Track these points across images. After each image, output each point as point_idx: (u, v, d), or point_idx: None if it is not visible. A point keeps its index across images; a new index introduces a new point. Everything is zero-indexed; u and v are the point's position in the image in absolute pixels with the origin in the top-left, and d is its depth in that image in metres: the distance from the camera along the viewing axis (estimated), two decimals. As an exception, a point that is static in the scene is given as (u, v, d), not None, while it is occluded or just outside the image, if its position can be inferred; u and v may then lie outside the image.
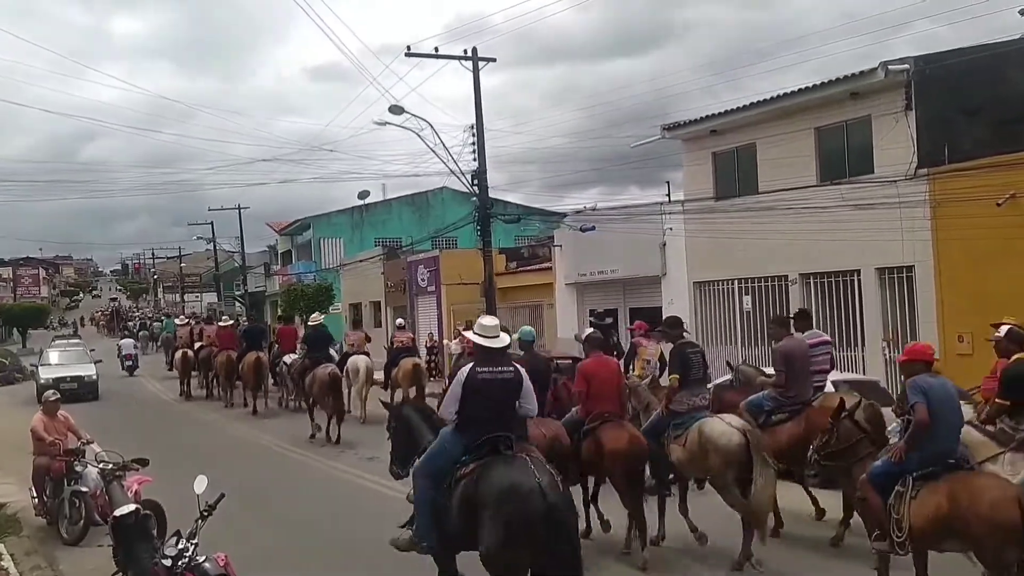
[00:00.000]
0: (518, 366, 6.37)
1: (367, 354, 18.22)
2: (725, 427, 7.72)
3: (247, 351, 19.89)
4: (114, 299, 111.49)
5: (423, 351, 25.05)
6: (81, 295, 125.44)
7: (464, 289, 27.27)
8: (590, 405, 8.31)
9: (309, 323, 18.87)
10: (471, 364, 6.21)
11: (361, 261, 34.51)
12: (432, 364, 24.94)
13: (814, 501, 8.87)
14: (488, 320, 6.50)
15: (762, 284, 16.98)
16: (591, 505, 8.68)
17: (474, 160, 22.31)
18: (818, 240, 15.21)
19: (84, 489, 9.00)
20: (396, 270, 31.68)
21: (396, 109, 21.18)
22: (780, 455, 8.01)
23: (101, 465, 7.95)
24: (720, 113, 17.38)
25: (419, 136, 21.95)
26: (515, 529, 5.43)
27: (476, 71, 22.16)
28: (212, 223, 57.37)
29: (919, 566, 6.11)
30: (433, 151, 22.11)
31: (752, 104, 16.64)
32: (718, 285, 18.00)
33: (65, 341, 35.21)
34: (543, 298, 23.93)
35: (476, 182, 22.09)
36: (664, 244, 19.01)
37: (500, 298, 25.80)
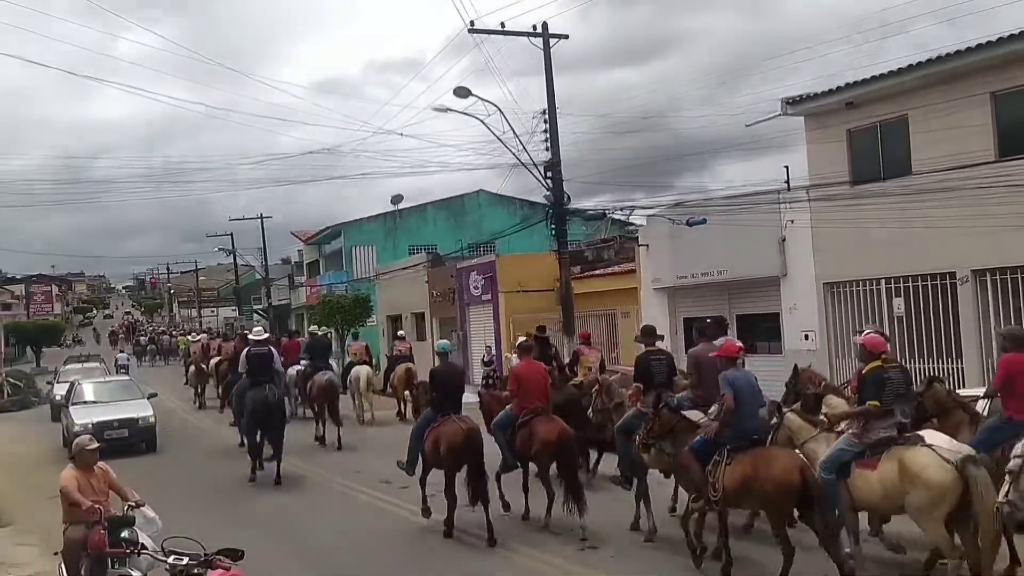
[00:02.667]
0: None
1: (367, 363, 20.72)
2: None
3: None
4: (128, 313, 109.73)
5: (479, 366, 22.91)
6: (95, 312, 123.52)
7: (525, 297, 24.66)
8: (523, 402, 10.03)
9: (310, 333, 21.81)
10: None
11: (404, 268, 31.83)
12: (491, 381, 22.05)
13: None
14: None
15: (919, 284, 14.20)
16: (524, 491, 10.30)
17: (546, 150, 19.78)
18: (996, 229, 12.51)
19: (136, 574, 6.37)
20: (443, 278, 29.01)
21: (462, 91, 18.61)
22: None
23: (171, 561, 5.27)
24: (859, 82, 14.66)
25: (484, 124, 19.53)
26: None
27: (547, 48, 19.59)
28: (232, 234, 55.30)
29: (723, 524, 7.77)
30: (501, 140, 19.64)
31: (904, 69, 13.92)
32: (857, 286, 15.24)
33: (80, 364, 28.48)
34: (622, 305, 21.23)
35: (549, 175, 19.53)
36: (784, 239, 16.27)
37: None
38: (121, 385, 19.82)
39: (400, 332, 23.79)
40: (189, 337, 31.73)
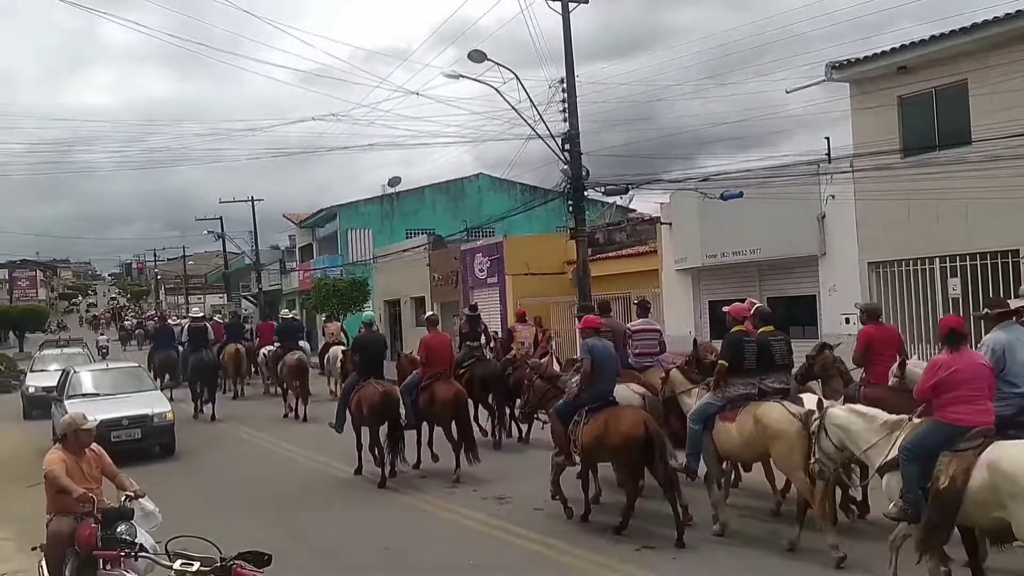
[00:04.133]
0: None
1: (342, 343, 20.21)
2: (628, 392, 9.41)
3: (227, 343, 22.15)
4: (114, 299, 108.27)
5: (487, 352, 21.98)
6: (80, 298, 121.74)
7: (533, 280, 23.56)
8: (428, 368, 11.54)
9: (281, 317, 22.43)
10: None
11: (405, 251, 30.61)
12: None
13: None
14: None
15: (977, 263, 13.14)
16: (429, 446, 11.94)
17: (564, 121, 18.62)
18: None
19: (132, 576, 5.22)
20: (445, 261, 27.86)
21: (476, 55, 17.42)
22: None
23: (178, 567, 4.11)
24: (913, 44, 13.57)
25: (498, 92, 18.36)
26: None
27: (566, 11, 18.37)
28: (221, 218, 53.93)
29: (584, 479, 9.00)
30: (516, 110, 18.45)
31: (963, 30, 12.84)
32: (907, 266, 14.16)
33: (59, 350, 24.73)
34: (639, 288, 20.11)
35: (566, 147, 18.38)
36: (823, 216, 15.20)
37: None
38: (127, 373, 15.69)
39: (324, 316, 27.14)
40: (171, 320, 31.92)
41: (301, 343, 20.42)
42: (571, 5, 18.35)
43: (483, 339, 14.84)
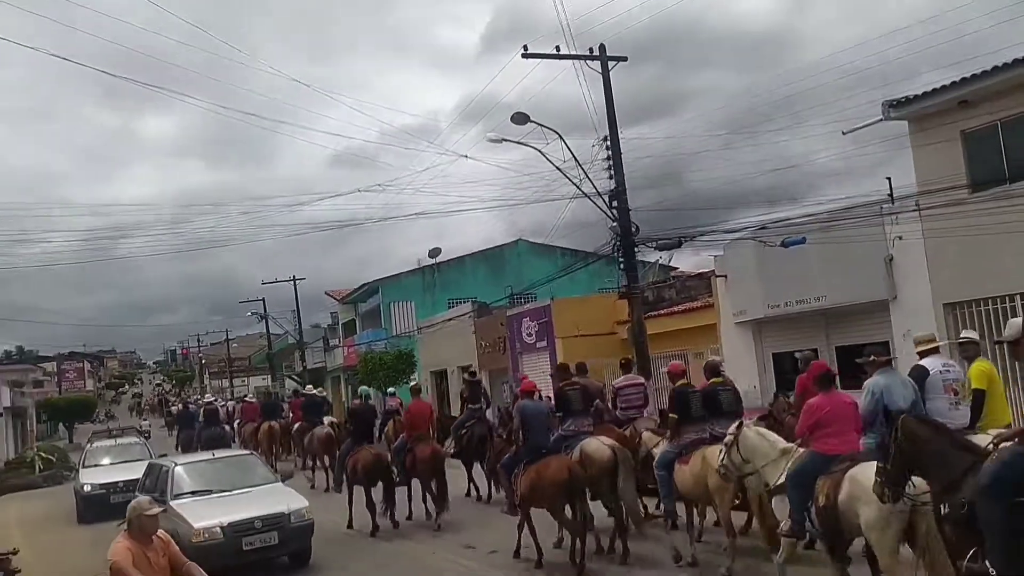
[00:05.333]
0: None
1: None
2: (599, 444, 10.08)
3: (262, 422, 23.71)
4: (159, 385, 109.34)
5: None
6: (127, 387, 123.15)
7: (583, 342, 22.99)
8: (411, 431, 13.54)
9: (304, 394, 24.48)
10: None
11: (448, 320, 30.31)
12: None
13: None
14: None
15: (1062, 296, 12.43)
16: (423, 500, 13.57)
17: (609, 178, 18.35)
18: None
19: None
20: (492, 327, 27.45)
21: (519, 117, 17.30)
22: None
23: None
24: (974, 76, 13.12)
25: (542, 153, 18.18)
26: None
27: (606, 71, 18.26)
28: (264, 299, 54.41)
29: (522, 524, 10.05)
30: (560, 170, 18.23)
31: (1027, 57, 12.39)
32: (985, 305, 13.45)
33: (112, 441, 21.58)
34: (695, 344, 19.49)
35: (615, 204, 18.06)
36: (891, 258, 14.60)
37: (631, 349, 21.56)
38: (239, 463, 12.81)
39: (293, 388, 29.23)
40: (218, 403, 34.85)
41: (325, 418, 20.86)
42: (610, 64, 18.32)
43: (483, 403, 15.90)
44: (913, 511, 6.17)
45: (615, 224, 17.88)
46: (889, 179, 14.80)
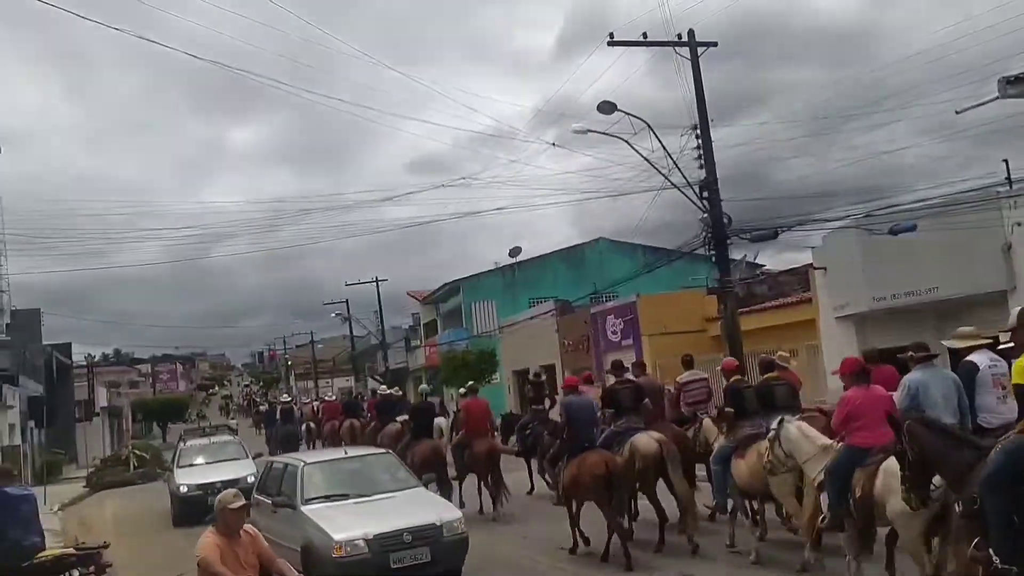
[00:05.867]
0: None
1: (445, 414, 19.97)
2: (648, 439, 10.09)
3: (345, 420, 24.00)
4: (247, 385, 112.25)
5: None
6: (216, 388, 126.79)
7: (670, 339, 22.32)
8: (467, 428, 14.19)
9: (379, 393, 24.03)
10: None
11: (531, 319, 29.97)
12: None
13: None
14: None
15: None
16: (479, 493, 14.13)
17: (700, 168, 17.66)
18: None
19: None
20: (575, 326, 26.99)
21: (606, 106, 16.75)
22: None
23: None
24: (1105, 44, 12.07)
25: (629, 144, 17.60)
26: None
27: (695, 58, 17.55)
28: (347, 301, 55.05)
29: (571, 515, 10.27)
30: (649, 161, 17.62)
31: None
32: (1120, 293, 12.39)
33: (207, 440, 19.69)
34: (791, 341, 18.60)
35: (705, 195, 17.37)
36: (1009, 246, 13.58)
37: (721, 347, 20.78)
38: (377, 463, 11.00)
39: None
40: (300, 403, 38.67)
41: (399, 417, 20.17)
42: (700, 49, 17.64)
43: (547, 403, 15.84)
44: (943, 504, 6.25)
45: (706, 216, 17.22)
46: (1006, 161, 13.79)
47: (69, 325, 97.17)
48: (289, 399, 37.33)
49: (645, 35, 17.60)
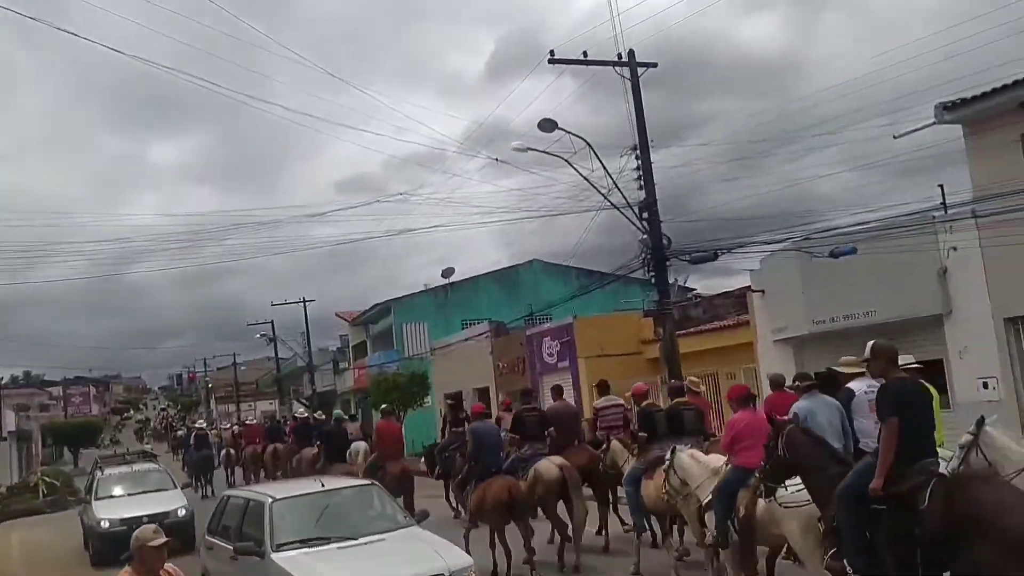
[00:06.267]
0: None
1: (364, 439, 19.22)
2: (549, 464, 10.65)
3: (267, 445, 24.01)
4: (164, 410, 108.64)
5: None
6: (132, 412, 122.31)
7: (607, 361, 22.15)
8: (381, 449, 14.88)
9: (295, 416, 25.39)
10: None
11: (465, 340, 29.50)
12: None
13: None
14: None
15: None
16: None
17: (639, 189, 17.57)
18: None
19: None
20: (510, 347, 26.63)
21: (547, 124, 16.57)
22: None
23: None
24: (1036, 74, 12.36)
25: (569, 163, 17.44)
26: None
27: (635, 79, 17.57)
28: (272, 321, 53.65)
29: (490, 540, 10.35)
30: (589, 181, 17.50)
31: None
32: (1052, 318, 12.62)
33: (128, 467, 17.30)
34: (728, 364, 18.64)
35: (645, 216, 17.27)
36: (945, 270, 13.77)
37: (657, 369, 20.69)
38: (360, 497, 9.15)
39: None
40: (220, 428, 39.09)
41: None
42: (640, 70, 17.62)
43: (465, 425, 16.01)
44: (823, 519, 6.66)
45: (645, 237, 17.13)
46: (941, 187, 13.98)
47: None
48: (204, 424, 37.38)
49: (585, 54, 17.54)
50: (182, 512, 14.71)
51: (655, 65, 17.90)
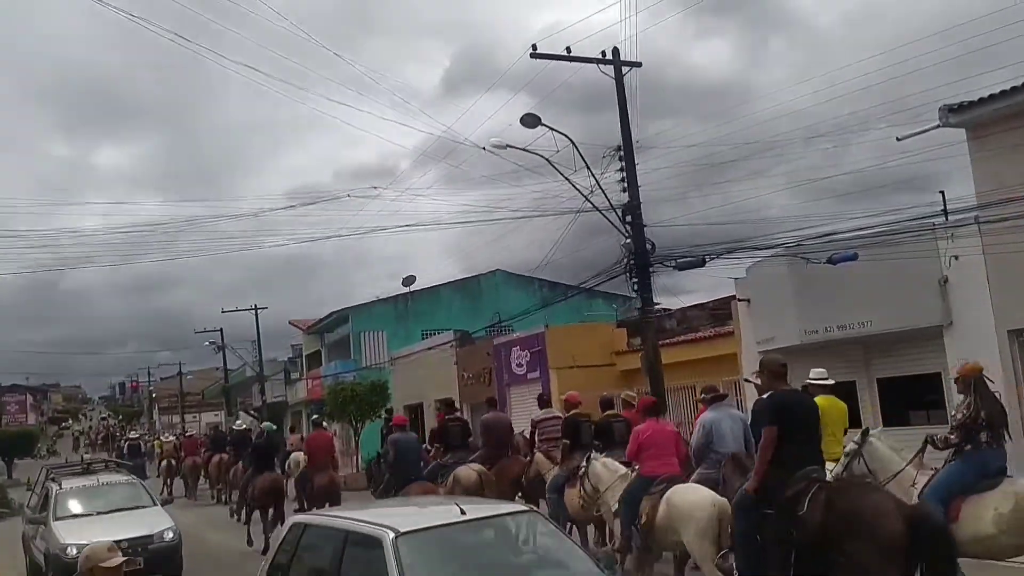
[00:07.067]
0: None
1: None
2: (468, 470, 11.56)
3: (213, 454, 25.12)
4: (104, 418, 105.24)
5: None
6: (70, 422, 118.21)
7: (579, 373, 21.34)
8: (311, 461, 15.27)
9: (233, 428, 26.32)
10: None
11: (429, 349, 28.45)
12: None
13: None
14: None
15: None
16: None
17: (623, 191, 16.85)
18: None
19: None
20: (476, 357, 25.67)
21: (529, 119, 15.79)
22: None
23: None
24: (1045, 77, 11.89)
25: (549, 161, 16.64)
26: None
27: (619, 75, 16.91)
28: (221, 329, 51.93)
29: None
30: (570, 181, 16.70)
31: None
32: (1059, 330, 12.11)
33: (92, 479, 13.80)
34: (708, 376, 17.88)
35: (628, 219, 16.54)
36: (946, 279, 13.22)
37: (630, 381, 19.98)
38: (519, 528, 5.79)
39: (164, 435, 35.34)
40: (163, 438, 39.00)
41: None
42: (624, 69, 16.94)
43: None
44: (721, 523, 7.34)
45: (628, 241, 16.39)
46: (943, 193, 13.46)
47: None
48: (136, 435, 40.46)
49: (569, 49, 16.81)
50: (169, 535, 11.89)
51: (639, 64, 17.27)
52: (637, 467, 8.46)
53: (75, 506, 12.61)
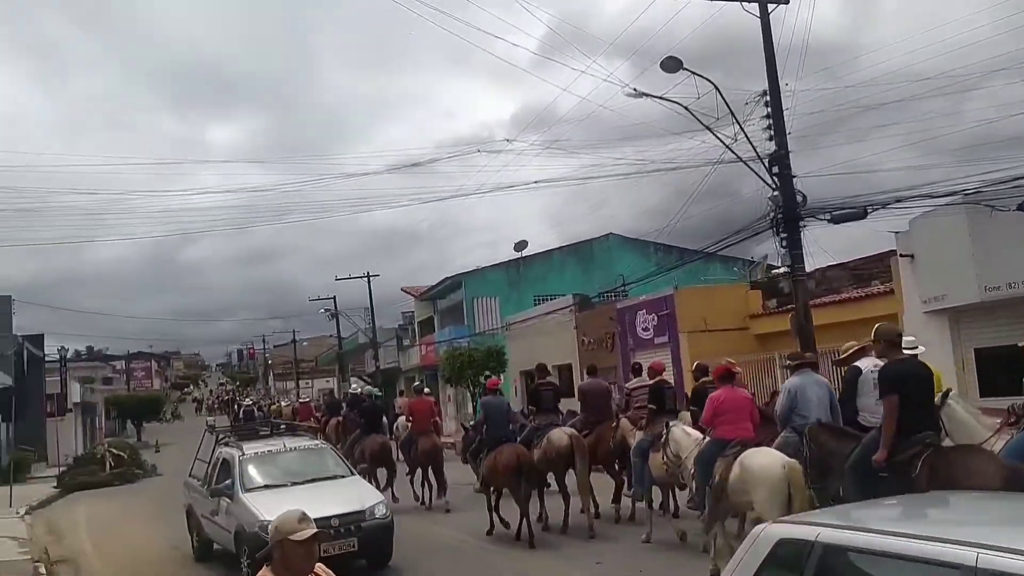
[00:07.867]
0: None
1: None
2: (560, 433, 11.72)
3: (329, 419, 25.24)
4: (223, 383, 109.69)
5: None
6: (191, 388, 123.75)
7: (710, 337, 20.24)
8: (415, 426, 15.46)
9: (350, 393, 27.42)
10: None
11: (547, 314, 27.76)
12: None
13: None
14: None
15: None
16: (422, 485, 15.50)
17: (769, 139, 15.61)
18: None
19: None
20: (598, 322, 24.80)
21: (670, 62, 14.72)
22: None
23: None
24: None
25: (688, 109, 15.51)
26: None
27: (765, 15, 15.60)
28: (335, 297, 52.70)
29: (489, 502, 11.79)
30: (710, 129, 15.54)
31: None
32: None
33: (277, 442, 11.87)
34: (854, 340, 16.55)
35: (774, 169, 15.31)
36: None
37: (767, 345, 18.81)
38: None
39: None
40: (282, 403, 41.23)
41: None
42: (770, 7, 15.61)
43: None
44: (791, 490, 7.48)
45: (776, 194, 15.17)
46: None
47: (39, 320, 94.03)
48: (251, 401, 44.50)
49: (709, -12, 15.56)
50: (381, 510, 10.10)
51: (787, 1, 15.88)
52: (708, 431, 8.84)
53: (265, 476, 10.85)
